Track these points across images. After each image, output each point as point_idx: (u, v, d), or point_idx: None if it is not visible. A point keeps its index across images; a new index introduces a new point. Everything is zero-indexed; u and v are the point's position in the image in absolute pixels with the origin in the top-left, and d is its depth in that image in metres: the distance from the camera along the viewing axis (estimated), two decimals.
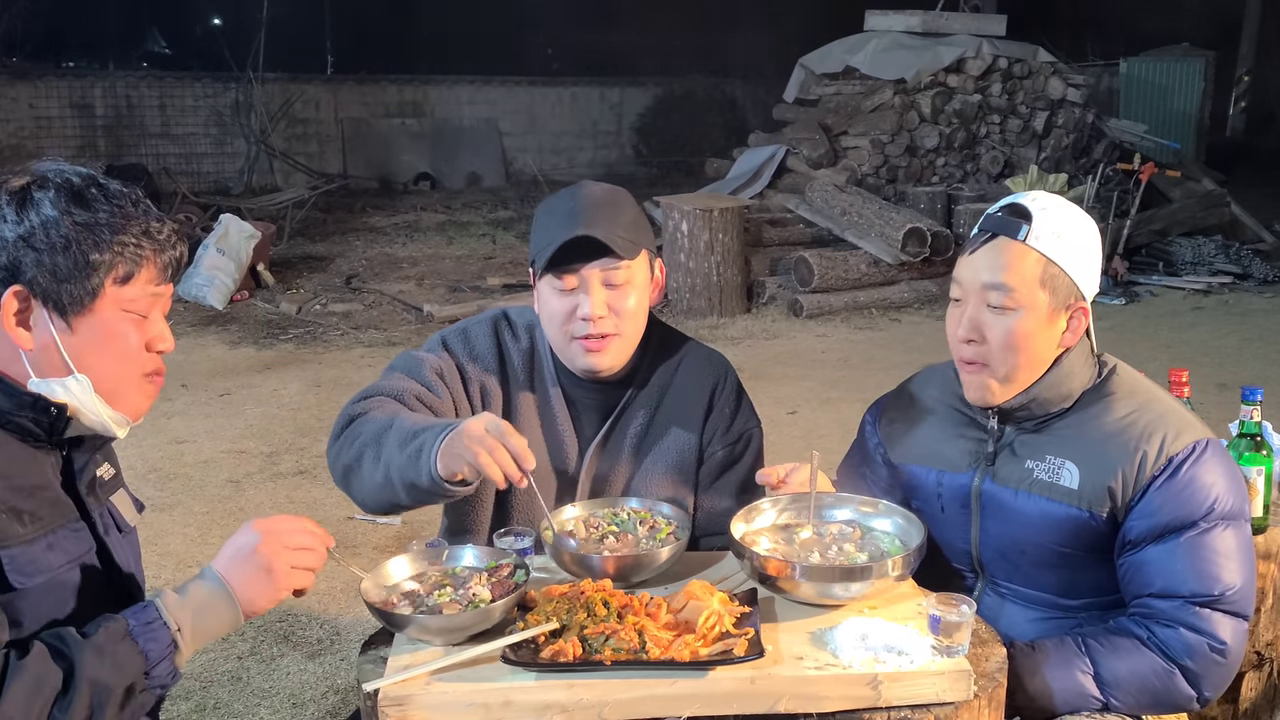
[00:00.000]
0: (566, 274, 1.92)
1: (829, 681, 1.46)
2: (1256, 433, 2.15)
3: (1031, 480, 1.83)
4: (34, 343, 1.40)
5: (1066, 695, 1.71)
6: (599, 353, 1.95)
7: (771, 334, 8.00)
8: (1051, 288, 1.77)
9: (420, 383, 1.98)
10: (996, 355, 1.79)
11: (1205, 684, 1.71)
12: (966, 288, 1.82)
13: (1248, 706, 2.27)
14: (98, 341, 1.42)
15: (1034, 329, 1.78)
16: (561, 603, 1.61)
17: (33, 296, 1.38)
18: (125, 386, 1.47)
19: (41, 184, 1.39)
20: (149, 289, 1.45)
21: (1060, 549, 1.82)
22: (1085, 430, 1.81)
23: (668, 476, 2.06)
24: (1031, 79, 10.96)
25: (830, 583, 1.63)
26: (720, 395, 2.11)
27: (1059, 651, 1.74)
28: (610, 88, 17.61)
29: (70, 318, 1.40)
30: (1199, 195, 10.55)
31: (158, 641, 1.36)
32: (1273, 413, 2.36)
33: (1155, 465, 1.74)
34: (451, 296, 8.92)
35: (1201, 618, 1.70)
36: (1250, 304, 8.91)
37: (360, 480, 1.83)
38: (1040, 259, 1.76)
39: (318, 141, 15.46)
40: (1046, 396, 1.83)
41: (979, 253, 1.81)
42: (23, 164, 1.45)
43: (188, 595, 1.42)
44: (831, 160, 10.48)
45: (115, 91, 14.23)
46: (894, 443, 2.04)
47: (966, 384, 1.86)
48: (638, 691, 1.44)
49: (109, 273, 1.40)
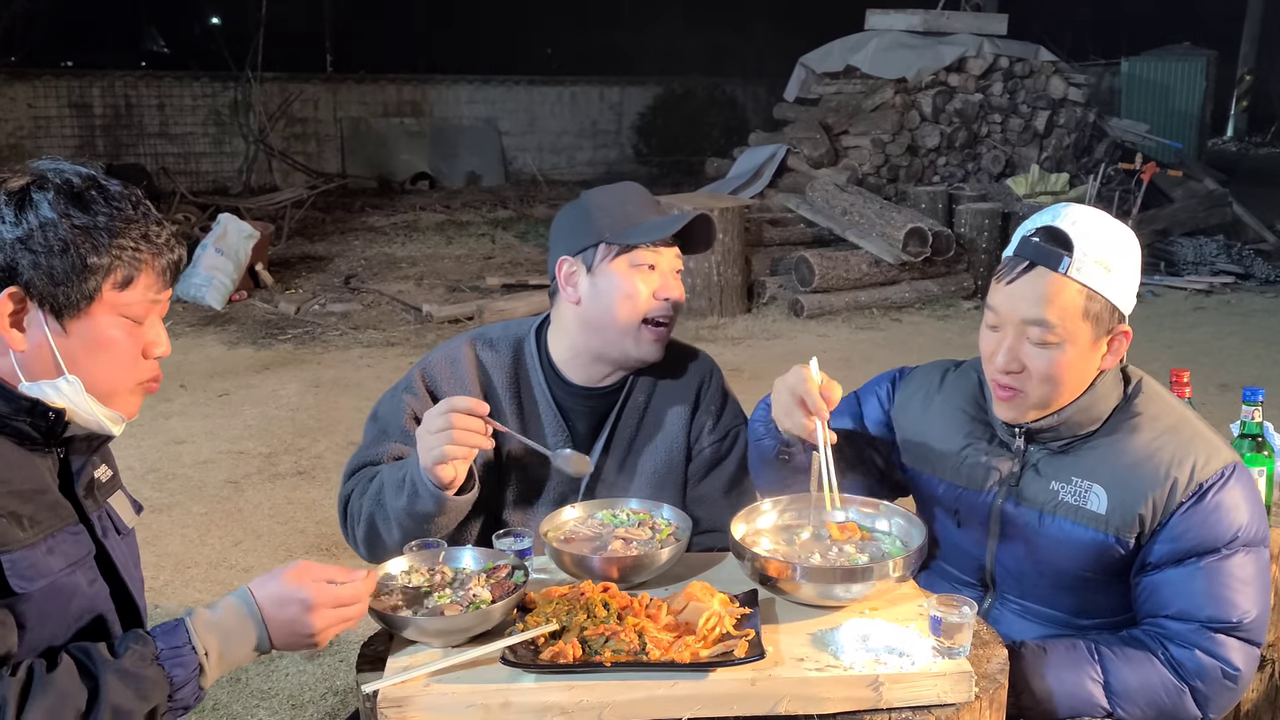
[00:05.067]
0: (658, 253, 1.97)
1: (830, 683, 1.45)
2: (1258, 433, 2.15)
3: (1057, 503, 1.78)
4: (26, 344, 1.38)
5: (1073, 700, 1.70)
6: (660, 343, 2.01)
7: (772, 334, 8.00)
8: (1094, 318, 1.70)
9: (397, 439, 2.00)
10: (1036, 385, 1.74)
11: (1212, 706, 1.70)
12: (1004, 317, 1.74)
13: (1248, 708, 2.26)
14: (92, 346, 1.41)
15: (1076, 360, 1.72)
16: (561, 604, 1.60)
17: (29, 298, 1.37)
18: (120, 390, 1.46)
19: (41, 184, 1.38)
20: (147, 294, 1.43)
21: (1081, 573, 1.79)
22: (1114, 454, 1.76)
23: (659, 477, 2.06)
24: (1033, 78, 10.96)
25: (831, 584, 1.62)
26: (706, 393, 2.12)
27: (1070, 655, 1.72)
28: (610, 88, 17.61)
29: (65, 321, 1.39)
30: (1201, 195, 10.55)
31: (184, 667, 1.35)
32: (1274, 413, 2.35)
33: (1186, 492, 1.70)
34: (450, 296, 8.91)
35: (1217, 643, 1.68)
36: (1252, 304, 8.90)
37: (385, 544, 1.88)
38: (1083, 290, 1.68)
39: (316, 141, 15.46)
40: (1078, 420, 1.78)
41: (1017, 284, 1.72)
42: (22, 163, 1.44)
43: (219, 617, 1.40)
44: (832, 160, 10.48)
45: (114, 91, 14.23)
46: (907, 429, 1.99)
47: (1000, 407, 1.81)
48: (638, 693, 1.44)
49: (107, 277, 1.39)
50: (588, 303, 1.99)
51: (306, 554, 4.22)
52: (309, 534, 4.39)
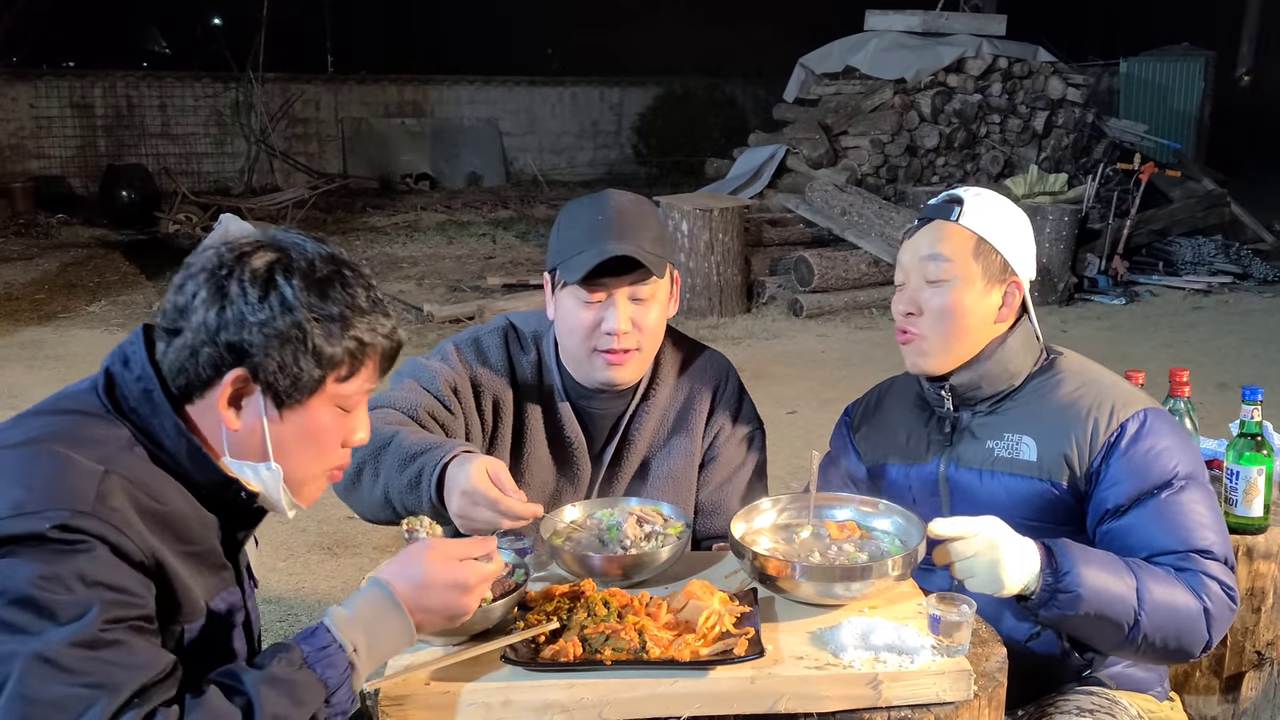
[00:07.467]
0: (596, 289, 1.89)
1: (829, 681, 1.46)
2: (1257, 432, 2.15)
3: (994, 459, 1.90)
4: (240, 424, 1.35)
5: (1108, 597, 1.66)
6: (620, 366, 1.94)
7: (771, 334, 8.00)
8: (984, 261, 1.90)
9: (435, 396, 1.95)
10: (931, 324, 1.90)
11: (1216, 628, 1.73)
12: (907, 267, 1.96)
13: (1248, 706, 2.27)
14: (303, 435, 1.37)
15: (968, 300, 1.89)
16: (562, 602, 1.61)
17: (252, 381, 1.33)
18: (312, 479, 1.43)
19: (286, 267, 1.33)
20: (365, 385, 1.40)
21: (1028, 523, 1.80)
22: (1038, 406, 1.90)
23: (675, 479, 2.06)
24: (1031, 79, 10.97)
25: (830, 582, 1.63)
26: (722, 397, 2.11)
27: (1109, 558, 1.72)
28: (610, 88, 17.61)
29: (284, 409, 1.35)
30: (1199, 195, 10.55)
31: (335, 667, 1.29)
32: (1273, 412, 2.36)
33: (1108, 431, 1.82)
34: (451, 296, 8.92)
35: (1210, 568, 1.74)
36: (1250, 304, 8.91)
37: (360, 496, 1.84)
38: (972, 235, 1.91)
39: (318, 141, 15.46)
40: (994, 373, 1.92)
41: (917, 235, 1.96)
42: (260, 232, 1.39)
43: (358, 613, 1.35)
44: (831, 160, 10.49)
45: (115, 91, 14.24)
46: (866, 446, 2.11)
47: (906, 356, 1.96)
48: (638, 691, 1.44)
49: (334, 369, 1.35)
50: (557, 323, 1.99)
51: (309, 553, 4.23)
52: (310, 532, 4.40)
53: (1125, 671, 1.91)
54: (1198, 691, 2.29)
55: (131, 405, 1.34)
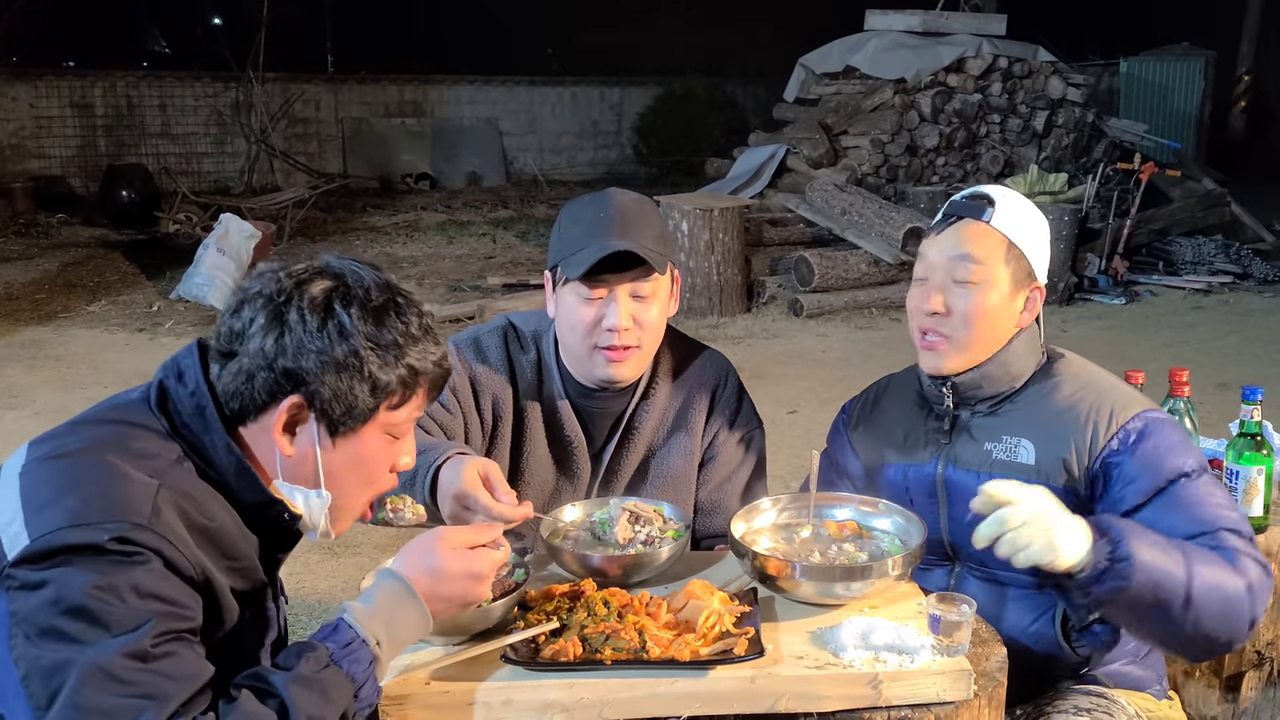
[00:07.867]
0: (597, 285, 1.90)
1: (829, 681, 1.46)
2: (1257, 432, 2.15)
3: (991, 461, 1.89)
4: (293, 450, 1.36)
5: (1159, 576, 1.61)
6: (621, 363, 1.95)
7: (771, 334, 8.00)
8: (1014, 266, 1.87)
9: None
10: (958, 327, 1.87)
11: (1259, 607, 1.67)
12: (933, 264, 1.91)
13: (1248, 706, 2.27)
14: (354, 462, 1.39)
15: (996, 304, 1.86)
16: (562, 602, 1.61)
17: (307, 408, 1.34)
18: (356, 507, 1.44)
19: (344, 295, 1.34)
20: (415, 412, 1.41)
21: None
22: (1037, 409, 1.89)
23: (673, 480, 2.06)
24: (1031, 79, 10.96)
25: (830, 582, 1.63)
26: (722, 396, 2.11)
27: (1163, 539, 1.67)
28: (610, 88, 17.60)
29: (337, 437, 1.36)
30: (1199, 195, 10.54)
31: (360, 662, 1.30)
32: (1273, 412, 2.36)
33: (1107, 434, 1.81)
34: (451, 296, 8.92)
35: (1240, 544, 1.70)
36: (1250, 304, 8.90)
37: None
38: (1003, 239, 1.87)
39: (318, 141, 15.46)
40: (996, 375, 1.90)
41: (946, 232, 1.91)
42: (310, 254, 1.39)
43: (375, 606, 1.36)
44: (831, 160, 10.49)
45: (115, 91, 14.23)
46: (863, 444, 2.09)
47: (923, 356, 1.93)
48: (638, 691, 1.45)
49: (387, 398, 1.36)
50: (557, 320, 2.00)
51: (309, 553, 4.22)
52: None
53: (1123, 670, 1.91)
54: (1197, 691, 2.29)
55: (184, 420, 1.34)
